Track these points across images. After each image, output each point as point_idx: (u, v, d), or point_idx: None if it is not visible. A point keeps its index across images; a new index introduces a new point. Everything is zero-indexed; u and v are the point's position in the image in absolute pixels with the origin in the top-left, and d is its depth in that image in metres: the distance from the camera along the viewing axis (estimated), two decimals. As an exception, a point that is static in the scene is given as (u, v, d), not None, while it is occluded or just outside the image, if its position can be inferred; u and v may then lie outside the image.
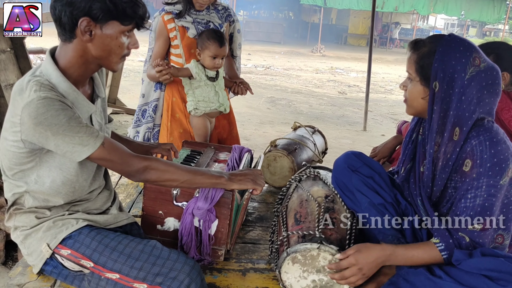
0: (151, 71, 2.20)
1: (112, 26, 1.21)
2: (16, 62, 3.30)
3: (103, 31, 1.21)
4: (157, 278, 1.24)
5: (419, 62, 1.37)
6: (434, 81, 1.33)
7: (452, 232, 1.32)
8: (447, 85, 1.31)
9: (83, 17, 1.17)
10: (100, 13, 1.18)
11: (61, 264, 1.32)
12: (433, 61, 1.32)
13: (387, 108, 7.57)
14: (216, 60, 2.13)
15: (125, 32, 1.24)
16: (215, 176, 1.42)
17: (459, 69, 1.30)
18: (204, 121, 2.25)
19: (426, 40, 1.39)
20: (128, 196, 2.12)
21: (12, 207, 1.35)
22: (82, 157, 1.21)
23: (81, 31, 1.19)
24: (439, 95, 1.32)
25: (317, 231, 1.43)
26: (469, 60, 1.30)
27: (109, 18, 1.20)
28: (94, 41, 1.21)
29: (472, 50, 1.32)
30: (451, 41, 1.33)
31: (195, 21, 2.21)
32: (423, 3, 16.10)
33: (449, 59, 1.30)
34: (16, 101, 1.18)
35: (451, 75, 1.30)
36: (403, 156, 1.55)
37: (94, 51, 1.23)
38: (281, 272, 1.43)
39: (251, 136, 5.02)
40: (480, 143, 1.27)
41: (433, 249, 1.33)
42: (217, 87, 2.22)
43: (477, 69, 1.31)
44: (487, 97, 1.32)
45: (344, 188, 1.59)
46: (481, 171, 1.27)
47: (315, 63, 14.06)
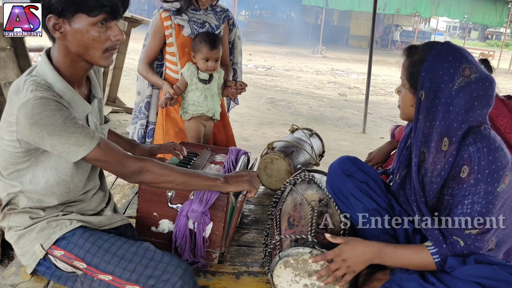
0: (149, 75, 2.26)
1: (80, 20, 1.17)
2: (16, 60, 3.31)
3: (72, 26, 1.17)
4: (150, 281, 1.24)
5: (409, 69, 1.37)
6: (421, 90, 1.32)
7: (447, 236, 1.31)
8: (433, 95, 1.30)
9: (48, 15, 1.16)
10: (59, 7, 1.14)
11: (54, 265, 1.32)
12: (421, 69, 1.32)
13: (387, 111, 7.57)
14: (208, 62, 2.13)
15: (97, 24, 1.18)
16: (211, 178, 1.42)
17: (446, 79, 1.29)
18: (195, 124, 2.25)
19: (420, 47, 1.38)
20: (124, 196, 2.12)
21: (6, 207, 1.35)
22: (77, 158, 1.21)
23: (50, 29, 1.18)
24: (425, 104, 1.32)
25: (310, 235, 1.43)
26: (458, 71, 1.29)
27: (73, 11, 1.15)
28: (67, 37, 1.19)
29: (462, 61, 1.30)
30: (442, 50, 1.31)
31: (191, 20, 2.21)
32: (425, 6, 16.09)
33: (437, 69, 1.30)
34: (12, 101, 1.18)
35: (437, 85, 1.29)
36: (398, 162, 1.54)
37: (72, 48, 1.21)
38: (273, 276, 1.43)
39: (250, 137, 5.01)
40: (478, 149, 1.26)
41: (424, 251, 1.32)
42: (208, 91, 2.22)
43: (467, 79, 1.29)
44: (478, 108, 1.30)
45: (339, 193, 1.59)
46: (479, 177, 1.26)
47: (316, 64, 14.05)
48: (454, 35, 33.06)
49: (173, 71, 2.30)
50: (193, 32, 2.21)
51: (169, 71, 2.32)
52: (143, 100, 2.41)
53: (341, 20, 23.91)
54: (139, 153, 1.69)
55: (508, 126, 1.95)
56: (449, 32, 34.25)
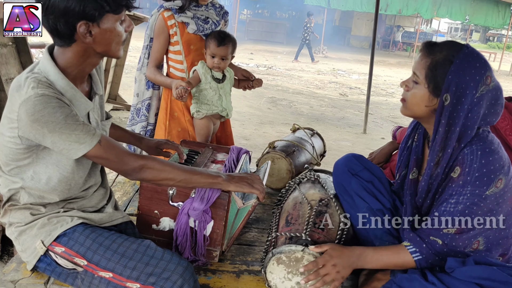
0: (158, 77, 2.22)
1: (108, 19, 1.21)
2: (17, 56, 3.30)
3: (101, 27, 1.21)
4: (150, 278, 1.24)
5: (431, 68, 1.31)
6: (446, 93, 1.28)
7: (423, 237, 1.33)
8: (457, 99, 1.27)
9: (80, 22, 1.17)
10: (95, 13, 1.18)
11: (55, 261, 1.32)
12: (447, 72, 1.28)
13: (388, 111, 7.56)
14: (215, 59, 2.13)
15: (120, 20, 1.25)
16: (212, 175, 1.41)
17: (472, 85, 1.26)
18: (207, 123, 2.25)
19: (442, 46, 1.33)
20: (125, 194, 2.12)
21: (7, 203, 1.35)
22: (78, 155, 1.21)
23: (82, 35, 1.19)
24: (448, 108, 1.29)
25: (304, 234, 1.43)
26: (482, 78, 1.27)
27: (104, 13, 1.19)
28: (96, 39, 1.22)
29: (486, 68, 1.29)
30: (469, 55, 1.29)
31: (195, 16, 2.20)
32: (426, 7, 16.06)
33: (464, 74, 1.26)
34: (13, 98, 1.18)
35: (462, 90, 1.27)
36: (399, 162, 1.54)
37: (98, 48, 1.24)
38: (266, 272, 1.43)
39: (251, 136, 5.01)
40: (472, 152, 1.27)
41: (402, 251, 1.34)
42: (222, 90, 2.22)
43: (487, 88, 1.28)
44: (489, 116, 1.31)
45: (343, 191, 1.58)
46: (468, 179, 1.26)
47: (317, 64, 14.05)
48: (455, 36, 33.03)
49: (179, 70, 2.29)
50: (198, 28, 2.20)
51: (173, 70, 2.30)
52: (143, 102, 2.39)
53: (342, 20, 23.88)
54: (145, 146, 1.71)
55: (508, 128, 1.94)
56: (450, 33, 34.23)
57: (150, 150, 1.73)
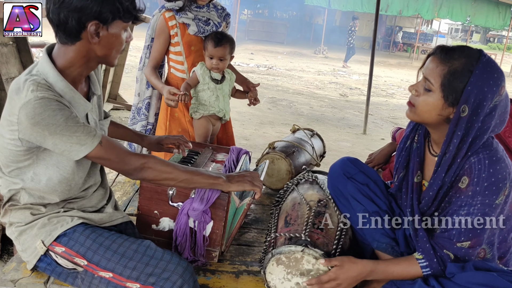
0: (152, 78, 2.22)
1: (117, 25, 1.24)
2: (18, 55, 3.30)
3: (109, 31, 1.23)
4: (150, 278, 1.24)
5: (448, 77, 1.25)
6: (464, 104, 1.23)
7: (437, 249, 1.31)
8: (473, 111, 1.23)
9: (93, 21, 1.19)
10: (109, 16, 1.20)
11: (55, 261, 1.32)
12: (467, 83, 1.23)
13: (388, 112, 7.56)
14: (213, 60, 2.13)
15: (125, 28, 1.27)
16: (213, 176, 1.42)
17: (489, 97, 1.22)
18: (205, 123, 2.25)
19: (460, 53, 1.26)
20: (125, 194, 2.12)
21: (8, 203, 1.35)
22: (79, 156, 1.22)
23: (90, 34, 1.20)
24: (465, 119, 1.24)
25: (303, 234, 1.44)
26: (499, 89, 1.24)
27: (116, 18, 1.22)
28: (101, 41, 1.23)
29: (503, 78, 1.25)
30: (487, 65, 1.24)
31: (196, 17, 2.21)
32: (427, 8, 16.05)
33: (483, 85, 1.22)
34: (13, 100, 1.19)
35: (479, 101, 1.22)
36: (397, 163, 1.53)
37: (99, 51, 1.25)
38: (265, 272, 1.44)
39: (250, 136, 5.02)
40: (479, 161, 1.24)
41: (414, 265, 1.33)
42: (220, 91, 2.22)
43: (500, 98, 1.25)
44: (497, 126, 1.29)
45: (339, 194, 1.59)
46: (477, 190, 1.24)
47: (318, 64, 14.05)
48: (456, 37, 33.04)
49: (179, 71, 2.30)
50: (199, 30, 2.21)
51: (174, 70, 2.31)
52: (143, 101, 2.40)
53: (343, 20, 23.86)
54: (147, 143, 1.72)
55: (508, 130, 1.94)
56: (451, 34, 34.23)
57: (152, 147, 1.74)
